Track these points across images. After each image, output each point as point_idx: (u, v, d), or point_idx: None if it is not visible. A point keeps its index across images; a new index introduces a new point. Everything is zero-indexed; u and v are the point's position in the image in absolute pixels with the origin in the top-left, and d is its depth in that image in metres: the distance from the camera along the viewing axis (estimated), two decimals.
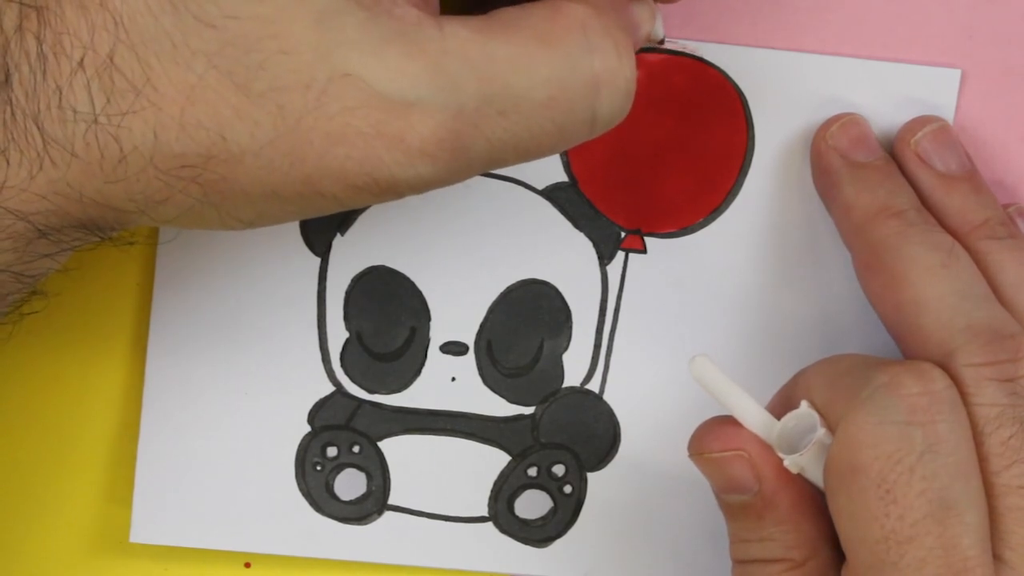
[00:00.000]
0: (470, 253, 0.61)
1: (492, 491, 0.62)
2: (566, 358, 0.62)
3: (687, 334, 0.62)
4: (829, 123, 0.60)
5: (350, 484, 0.62)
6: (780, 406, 0.55)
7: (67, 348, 0.62)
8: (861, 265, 0.58)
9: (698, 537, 0.63)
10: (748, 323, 0.62)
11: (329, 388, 0.62)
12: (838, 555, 0.53)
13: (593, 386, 0.62)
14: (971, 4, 0.62)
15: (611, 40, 0.48)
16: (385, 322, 0.61)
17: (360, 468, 0.62)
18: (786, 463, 0.53)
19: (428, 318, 0.61)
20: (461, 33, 0.46)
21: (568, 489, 0.62)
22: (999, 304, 0.55)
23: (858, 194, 0.58)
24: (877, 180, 0.58)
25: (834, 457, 0.51)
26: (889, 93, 0.61)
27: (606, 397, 0.62)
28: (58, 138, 0.44)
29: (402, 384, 0.62)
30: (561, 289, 0.62)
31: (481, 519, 0.62)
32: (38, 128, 0.44)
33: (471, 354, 0.62)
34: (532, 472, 0.62)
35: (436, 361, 0.62)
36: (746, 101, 0.61)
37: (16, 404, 0.62)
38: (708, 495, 0.62)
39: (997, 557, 0.51)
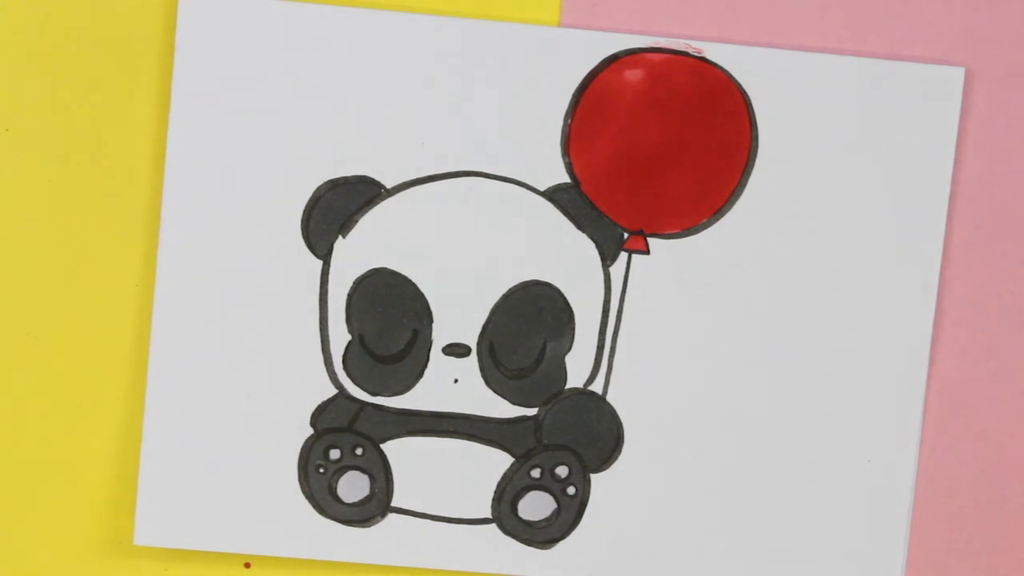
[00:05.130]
0: (472, 255, 0.61)
1: (495, 493, 0.62)
2: (569, 359, 0.62)
3: (690, 335, 0.62)
4: None
5: (353, 486, 0.62)
6: None
7: (68, 351, 0.62)
8: None
9: (702, 538, 0.63)
10: (751, 324, 0.62)
11: (331, 391, 0.62)
12: None
13: (596, 387, 0.62)
14: (973, 3, 0.62)
15: None
16: (387, 324, 0.61)
17: (363, 470, 0.62)
18: None
19: (430, 320, 0.61)
20: None
21: (572, 491, 0.62)
22: None
23: None
24: None
25: None
26: (893, 92, 0.61)
27: (609, 398, 0.62)
28: None
29: (405, 386, 0.62)
30: (564, 290, 0.62)
31: (484, 521, 0.62)
32: None
33: (473, 356, 0.62)
34: (535, 473, 0.62)
35: (438, 363, 0.62)
36: (749, 101, 0.61)
37: (18, 407, 0.62)
38: (711, 496, 0.62)
39: None
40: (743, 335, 0.62)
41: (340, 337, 0.61)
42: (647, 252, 0.62)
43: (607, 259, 0.62)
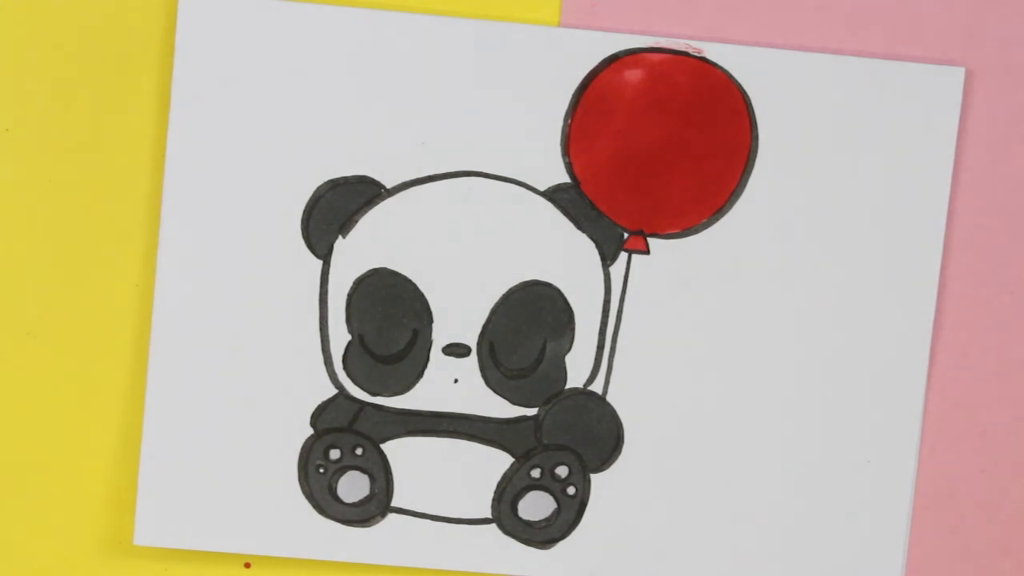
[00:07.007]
0: (472, 255, 0.61)
1: (495, 493, 0.62)
2: (569, 359, 0.62)
3: (690, 335, 0.62)
4: None
5: (353, 486, 0.62)
6: None
7: (68, 351, 0.62)
8: None
9: (702, 538, 0.63)
10: (751, 324, 0.62)
11: (331, 391, 0.62)
12: None
13: (596, 387, 0.62)
14: (973, 3, 0.62)
15: None
16: (387, 324, 0.61)
17: (363, 470, 0.62)
18: None
19: (430, 320, 0.61)
20: None
21: (572, 491, 0.62)
22: None
23: None
24: None
25: None
26: (893, 92, 0.61)
27: (609, 398, 0.62)
28: None
29: (405, 386, 0.62)
30: (564, 290, 0.62)
31: (484, 521, 0.62)
32: None
33: (473, 356, 0.62)
34: (535, 473, 0.62)
35: (438, 363, 0.62)
36: (750, 101, 0.61)
37: (18, 407, 0.62)
38: (711, 496, 0.62)
39: None
40: (743, 335, 0.62)
41: (340, 337, 0.61)
42: (647, 252, 0.62)
43: (607, 259, 0.62)
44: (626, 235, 0.62)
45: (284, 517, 0.62)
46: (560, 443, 0.62)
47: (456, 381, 0.62)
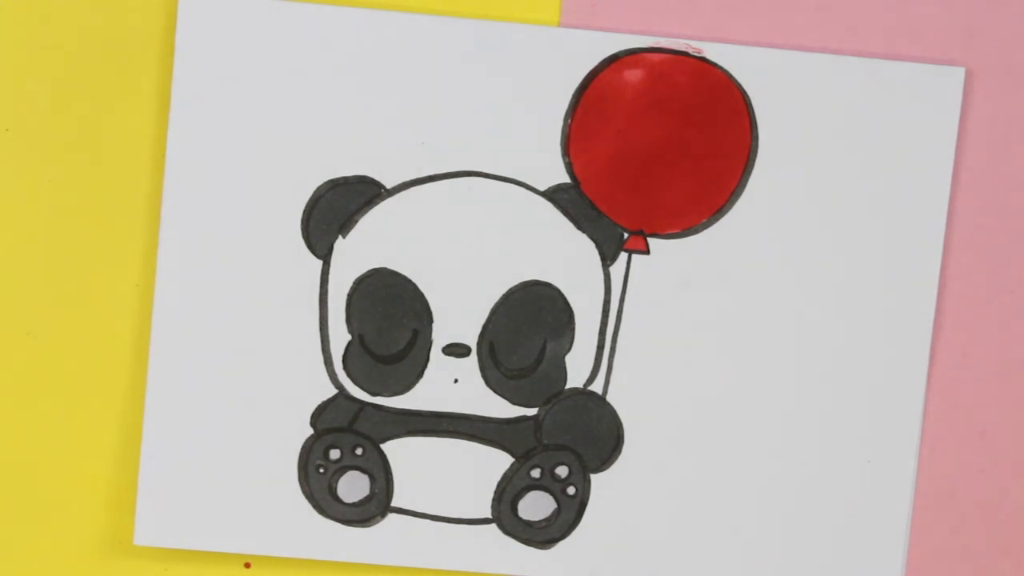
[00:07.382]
0: (472, 255, 0.61)
1: (495, 493, 0.62)
2: (569, 360, 0.62)
3: (690, 335, 0.62)
4: None
5: (353, 486, 0.62)
6: None
7: (68, 351, 0.62)
8: None
9: (701, 538, 0.63)
10: (751, 324, 0.62)
11: (331, 391, 0.62)
12: None
13: (596, 387, 0.62)
14: (973, 3, 0.62)
15: None
16: (387, 324, 0.61)
17: (363, 470, 0.62)
18: None
19: (430, 320, 0.61)
20: None
21: (572, 491, 0.62)
22: None
23: None
24: None
25: None
26: (893, 92, 0.61)
27: (609, 398, 0.62)
28: None
29: (405, 386, 0.62)
30: (564, 290, 0.62)
31: (484, 521, 0.62)
32: None
33: (473, 356, 0.62)
34: (535, 473, 0.62)
35: (438, 363, 0.62)
36: (750, 101, 0.61)
37: (18, 407, 0.62)
38: (711, 496, 0.62)
39: None
40: (743, 335, 0.62)
41: (340, 337, 0.61)
42: (647, 252, 0.62)
43: (607, 259, 0.62)
44: (626, 235, 0.62)
45: (284, 517, 0.62)
46: (560, 443, 0.62)
47: (456, 381, 0.62)
